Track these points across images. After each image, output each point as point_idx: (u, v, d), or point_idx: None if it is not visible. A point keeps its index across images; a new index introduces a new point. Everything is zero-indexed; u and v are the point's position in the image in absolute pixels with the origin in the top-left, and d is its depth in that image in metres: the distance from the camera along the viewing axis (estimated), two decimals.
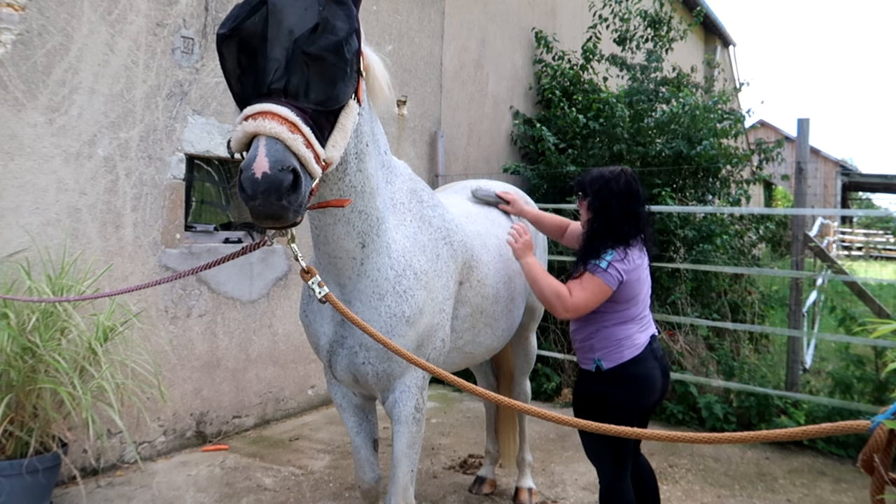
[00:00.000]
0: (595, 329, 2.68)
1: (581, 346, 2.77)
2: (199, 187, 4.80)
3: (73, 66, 3.76)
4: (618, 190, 2.65)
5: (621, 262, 2.58)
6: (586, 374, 2.73)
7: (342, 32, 1.69)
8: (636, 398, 2.65)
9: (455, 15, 7.01)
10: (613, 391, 2.62)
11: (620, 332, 2.65)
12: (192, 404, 4.52)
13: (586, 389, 2.71)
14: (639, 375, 2.64)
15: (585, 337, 2.73)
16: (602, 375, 2.65)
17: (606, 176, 2.70)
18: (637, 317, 2.68)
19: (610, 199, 2.65)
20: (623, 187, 2.65)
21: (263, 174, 1.52)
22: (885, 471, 1.41)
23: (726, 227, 6.53)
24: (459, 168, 7.13)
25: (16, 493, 3.10)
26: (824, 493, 4.04)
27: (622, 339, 2.64)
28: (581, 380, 2.77)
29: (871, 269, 17.78)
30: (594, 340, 2.68)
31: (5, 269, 3.43)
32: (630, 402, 2.63)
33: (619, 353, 2.63)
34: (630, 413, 2.62)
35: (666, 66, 7.97)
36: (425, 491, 3.88)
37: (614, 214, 2.63)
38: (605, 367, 2.64)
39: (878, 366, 4.91)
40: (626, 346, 2.64)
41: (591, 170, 2.89)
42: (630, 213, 2.64)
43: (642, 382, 2.64)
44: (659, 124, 6.98)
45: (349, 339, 2.33)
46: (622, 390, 2.63)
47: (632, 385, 2.63)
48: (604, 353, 2.65)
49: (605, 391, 2.63)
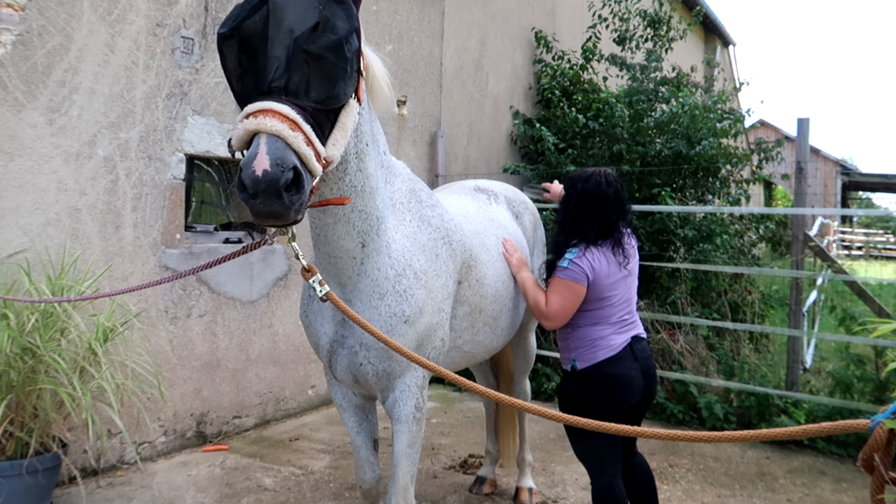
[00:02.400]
0: (570, 330, 2.74)
1: (561, 346, 2.82)
2: (199, 187, 4.80)
3: (73, 67, 3.76)
4: (582, 189, 2.69)
5: (582, 257, 2.61)
6: (565, 374, 2.78)
7: (342, 31, 1.70)
8: (612, 397, 2.65)
9: (455, 15, 7.02)
10: (589, 391, 2.66)
11: (594, 333, 2.68)
12: (193, 404, 4.52)
13: (565, 389, 2.76)
14: (614, 375, 2.64)
15: (563, 337, 2.79)
16: (577, 375, 2.69)
17: (580, 175, 2.75)
18: (613, 318, 2.70)
19: (573, 197, 2.71)
20: (591, 188, 2.68)
21: (264, 172, 1.52)
22: (885, 470, 1.41)
23: (726, 227, 6.53)
24: (459, 168, 7.13)
25: (16, 494, 3.10)
26: (825, 492, 4.04)
27: (596, 339, 2.67)
28: (562, 380, 2.82)
29: (871, 268, 17.79)
30: (570, 340, 2.74)
31: (5, 270, 3.43)
32: (606, 401, 2.64)
33: (592, 353, 2.66)
34: (608, 412, 2.60)
35: (666, 66, 7.97)
36: (425, 491, 3.88)
37: (573, 212, 2.69)
38: (580, 367, 2.68)
39: (879, 365, 4.91)
40: (601, 347, 2.66)
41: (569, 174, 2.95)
42: (596, 215, 2.66)
43: (618, 383, 2.65)
44: (658, 124, 6.98)
45: (349, 338, 2.33)
46: (597, 390, 2.65)
47: (607, 384, 2.65)
48: (578, 353, 2.69)
49: (581, 390, 2.68)
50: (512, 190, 3.67)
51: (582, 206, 2.68)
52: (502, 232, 3.13)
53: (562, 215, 2.76)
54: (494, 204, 3.36)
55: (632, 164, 6.80)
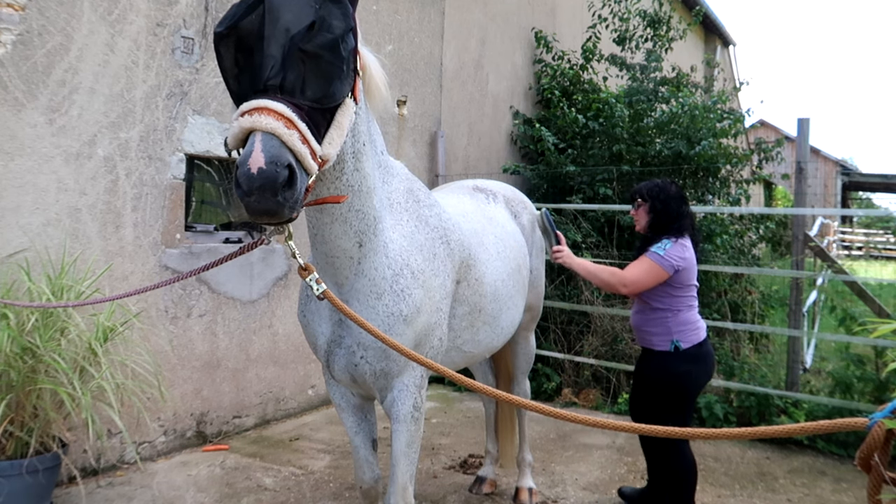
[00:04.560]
0: (670, 314, 3.18)
1: (652, 330, 3.23)
2: (199, 187, 4.80)
3: (73, 67, 3.76)
4: (674, 193, 3.25)
5: (677, 250, 3.13)
6: (665, 356, 3.20)
7: (338, 30, 1.70)
8: (710, 372, 3.23)
9: (455, 15, 7.02)
10: (695, 368, 3.16)
11: (692, 317, 3.22)
12: (193, 404, 4.52)
13: (671, 370, 3.18)
14: (709, 353, 3.24)
15: (657, 322, 3.21)
16: (681, 355, 3.16)
17: (661, 184, 3.30)
18: (696, 304, 3.27)
19: (669, 201, 3.24)
20: (676, 191, 3.27)
21: (259, 169, 1.52)
22: (882, 469, 1.41)
23: (726, 227, 6.52)
24: (459, 168, 7.13)
25: (16, 494, 3.10)
26: (825, 492, 4.04)
27: (694, 322, 3.21)
28: (658, 362, 3.23)
29: (871, 268, 17.78)
30: (670, 324, 3.19)
31: (5, 270, 3.43)
32: (706, 376, 3.21)
33: (695, 334, 3.19)
34: (704, 385, 3.24)
35: (666, 66, 7.97)
36: (425, 491, 3.88)
37: (673, 213, 3.21)
38: (683, 347, 3.16)
39: (879, 365, 4.90)
40: (699, 328, 3.22)
41: (643, 182, 3.46)
42: (683, 213, 3.24)
43: (711, 358, 3.25)
44: (658, 124, 6.98)
45: (347, 338, 2.33)
46: (701, 366, 3.17)
47: (706, 361, 3.20)
48: (680, 335, 3.17)
49: (689, 369, 3.15)
50: (510, 189, 3.67)
51: (679, 207, 3.23)
52: (500, 231, 3.13)
53: (665, 217, 3.23)
54: (493, 203, 3.36)
55: (632, 165, 6.80)
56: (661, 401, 3.23)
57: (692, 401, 3.27)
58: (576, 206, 6.30)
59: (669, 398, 3.21)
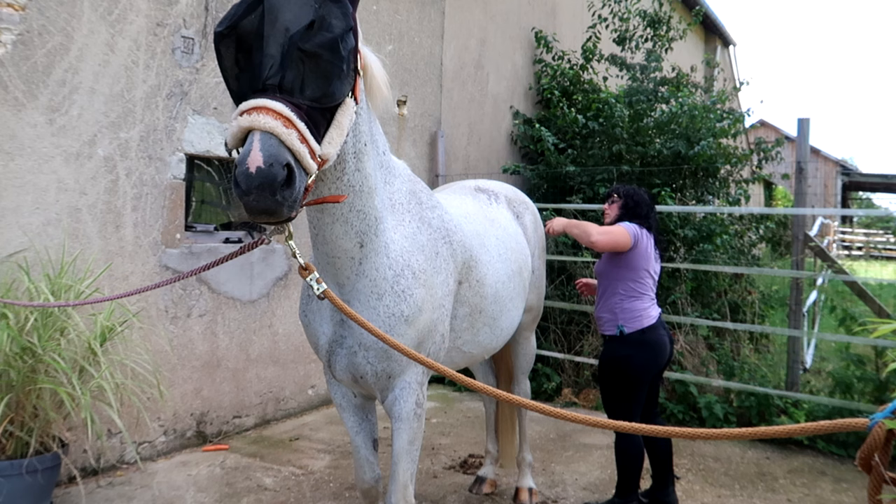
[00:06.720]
0: (618, 300, 3.38)
1: (605, 316, 3.44)
2: (200, 187, 4.80)
3: (73, 66, 3.76)
4: (646, 199, 3.57)
5: (641, 230, 3.39)
6: (611, 339, 3.41)
7: (338, 30, 1.70)
8: (653, 359, 3.35)
9: (455, 15, 7.02)
10: (635, 353, 3.31)
11: (639, 304, 3.37)
12: (193, 404, 4.52)
13: (612, 353, 3.38)
14: (654, 340, 3.35)
15: (609, 308, 3.41)
16: (624, 339, 3.34)
17: (636, 188, 3.64)
18: (649, 293, 3.43)
19: (641, 202, 3.54)
20: (649, 198, 3.59)
21: (257, 168, 1.52)
22: (883, 469, 1.40)
23: (726, 227, 6.52)
24: (459, 168, 7.13)
25: (16, 494, 3.10)
26: (825, 492, 4.04)
27: (640, 309, 3.37)
28: (606, 347, 3.44)
29: (871, 268, 17.79)
30: (617, 310, 3.38)
31: (5, 270, 3.43)
32: (648, 363, 3.33)
33: (639, 321, 3.34)
34: (647, 372, 3.33)
35: (665, 66, 7.97)
36: (425, 491, 3.88)
37: (642, 213, 3.49)
38: (627, 332, 3.34)
39: (879, 366, 4.90)
40: (645, 316, 3.36)
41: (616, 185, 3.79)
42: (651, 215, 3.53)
43: (656, 346, 3.35)
44: (658, 124, 6.98)
45: (348, 338, 2.33)
46: (641, 352, 3.32)
47: (649, 348, 3.33)
48: (625, 321, 3.36)
49: (628, 353, 3.32)
50: (512, 190, 3.67)
51: (641, 208, 3.51)
52: (502, 232, 3.13)
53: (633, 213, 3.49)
54: (495, 204, 3.36)
55: (631, 164, 6.80)
56: (607, 385, 3.44)
57: (637, 388, 3.34)
58: (576, 206, 6.30)
59: (612, 382, 3.40)
